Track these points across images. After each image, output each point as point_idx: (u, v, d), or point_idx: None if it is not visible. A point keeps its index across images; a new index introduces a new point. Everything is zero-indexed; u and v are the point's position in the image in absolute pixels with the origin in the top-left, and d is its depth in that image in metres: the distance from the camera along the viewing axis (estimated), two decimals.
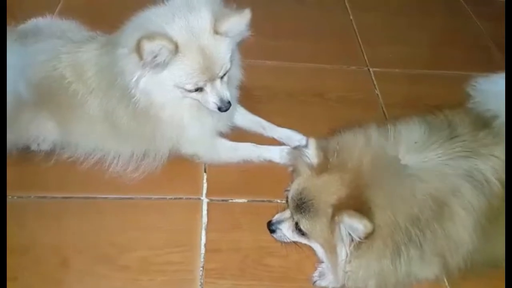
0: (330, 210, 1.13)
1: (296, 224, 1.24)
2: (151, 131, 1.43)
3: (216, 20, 1.23)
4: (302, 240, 1.27)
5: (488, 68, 1.97)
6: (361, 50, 2.10)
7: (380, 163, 1.17)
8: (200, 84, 1.30)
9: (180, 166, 1.51)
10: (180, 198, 1.45)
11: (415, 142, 1.23)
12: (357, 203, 1.09)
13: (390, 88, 1.90)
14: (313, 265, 1.29)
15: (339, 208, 1.10)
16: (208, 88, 1.32)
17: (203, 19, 1.24)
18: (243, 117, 1.63)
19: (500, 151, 1.20)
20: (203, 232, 1.36)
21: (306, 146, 1.23)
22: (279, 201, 1.46)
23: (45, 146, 1.49)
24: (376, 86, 1.92)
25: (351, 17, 2.29)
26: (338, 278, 1.20)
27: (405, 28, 2.28)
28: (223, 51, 1.28)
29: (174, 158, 1.50)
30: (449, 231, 1.14)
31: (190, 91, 1.32)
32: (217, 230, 1.37)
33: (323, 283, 1.26)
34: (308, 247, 1.26)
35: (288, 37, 2.11)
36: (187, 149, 1.50)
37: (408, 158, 1.18)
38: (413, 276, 1.19)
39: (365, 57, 2.06)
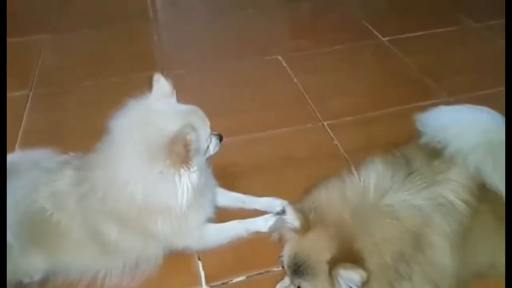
0: (326, 267, 1.20)
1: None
2: (143, 239, 1.49)
3: None
4: None
5: (427, 97, 2.24)
6: (312, 108, 2.28)
7: (358, 210, 1.28)
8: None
9: (174, 260, 1.55)
10: None
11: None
12: (349, 254, 1.18)
13: (346, 136, 2.06)
14: None
15: (334, 263, 1.18)
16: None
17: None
18: (222, 197, 1.72)
19: (455, 174, 1.33)
20: None
21: (284, 213, 1.31)
22: (276, 269, 1.52)
23: (37, 277, 1.51)
24: (333, 137, 2.08)
25: (295, 80, 2.51)
26: None
27: (344, 80, 2.52)
28: None
29: (165, 255, 1.55)
30: (431, 258, 1.23)
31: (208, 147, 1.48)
32: None
33: None
34: None
35: (243, 111, 2.28)
36: (178, 244, 1.55)
37: (381, 200, 1.29)
38: None
39: (317, 114, 2.24)
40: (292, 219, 1.30)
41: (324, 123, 2.18)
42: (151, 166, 1.34)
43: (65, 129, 2.25)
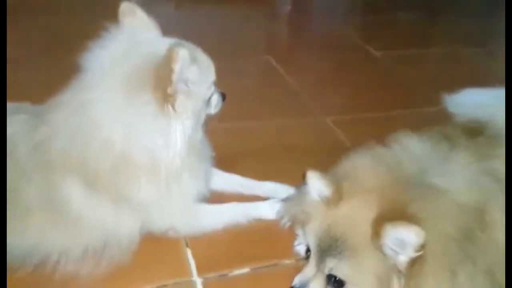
0: (369, 234, 0.93)
1: (329, 276, 1.00)
2: (115, 209, 1.12)
3: None
4: None
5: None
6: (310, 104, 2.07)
7: (405, 180, 1.03)
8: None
9: (153, 246, 1.19)
10: (165, 286, 1.10)
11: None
12: (402, 215, 0.91)
13: (353, 132, 1.84)
14: None
15: (379, 222, 0.91)
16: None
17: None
18: (218, 178, 1.40)
19: (503, 150, 1.15)
20: None
21: (305, 182, 1.06)
22: (287, 261, 1.19)
23: None
24: (337, 130, 1.86)
25: (287, 79, 2.30)
26: None
27: (338, 82, 2.36)
28: None
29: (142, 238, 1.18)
30: (495, 239, 0.99)
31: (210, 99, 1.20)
32: None
33: None
34: None
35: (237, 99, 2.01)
36: (162, 223, 1.20)
37: (429, 171, 1.07)
38: None
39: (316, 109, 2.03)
40: (319, 186, 1.03)
41: (327, 118, 1.95)
42: (134, 99, 1.03)
43: None
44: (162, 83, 1.01)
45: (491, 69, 2.38)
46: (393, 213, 0.91)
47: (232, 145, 1.59)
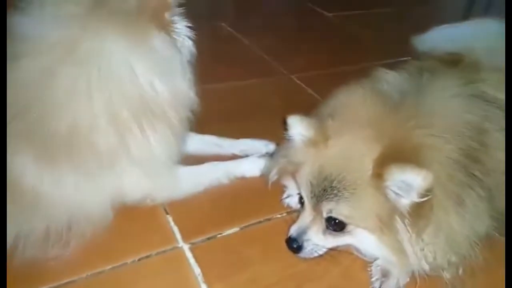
0: (370, 175, 0.85)
1: (329, 219, 0.92)
2: (77, 185, 0.97)
3: None
4: (341, 240, 0.96)
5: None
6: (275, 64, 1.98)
7: (397, 107, 0.97)
8: None
9: (129, 218, 1.05)
10: (149, 256, 0.98)
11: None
12: (402, 152, 0.85)
13: (320, 86, 1.77)
14: (365, 269, 0.95)
15: (381, 163, 0.84)
16: None
17: None
18: (192, 140, 1.27)
19: (487, 73, 1.13)
20: (204, 287, 0.91)
21: (287, 127, 0.99)
22: (278, 215, 1.11)
23: None
24: (306, 87, 1.78)
25: (246, 43, 2.19)
26: (409, 266, 0.89)
27: (297, 43, 2.31)
28: None
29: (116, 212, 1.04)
30: (496, 159, 0.96)
31: None
32: (221, 277, 0.95)
33: (391, 284, 0.92)
34: (346, 254, 0.97)
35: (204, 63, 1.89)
36: (137, 191, 1.06)
37: (420, 97, 1.02)
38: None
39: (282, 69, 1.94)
40: (303, 129, 0.95)
41: (292, 76, 1.87)
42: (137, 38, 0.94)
43: None
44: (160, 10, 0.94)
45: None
46: (393, 152, 0.84)
47: (202, 107, 1.47)
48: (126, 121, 0.94)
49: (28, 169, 0.94)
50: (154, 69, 0.97)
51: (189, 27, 1.04)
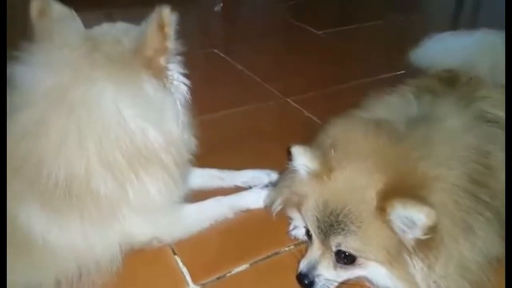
0: (375, 205, 0.86)
1: (338, 252, 0.92)
2: (85, 231, 0.97)
3: None
4: (353, 273, 0.95)
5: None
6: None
7: (400, 137, 0.97)
8: None
9: (138, 261, 1.04)
10: None
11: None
12: (405, 184, 0.85)
13: (317, 107, 1.78)
14: None
15: (385, 197, 0.85)
16: None
17: None
18: (194, 175, 1.25)
19: (487, 92, 1.14)
20: None
21: (291, 157, 0.98)
22: (286, 248, 1.10)
23: None
24: (303, 110, 1.79)
25: (240, 67, 2.20)
26: None
27: (289, 64, 2.32)
28: None
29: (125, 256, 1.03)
30: (502, 179, 0.96)
31: None
32: None
33: None
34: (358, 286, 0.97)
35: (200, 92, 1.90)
36: (142, 235, 1.05)
37: (420, 123, 1.01)
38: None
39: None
40: (307, 161, 0.94)
41: (288, 99, 1.88)
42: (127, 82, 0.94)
43: None
44: (154, 56, 0.94)
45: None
46: (397, 184, 0.84)
47: (201, 139, 1.47)
48: (121, 167, 0.93)
49: (36, 217, 0.94)
50: (145, 114, 0.96)
51: (184, 74, 1.04)
